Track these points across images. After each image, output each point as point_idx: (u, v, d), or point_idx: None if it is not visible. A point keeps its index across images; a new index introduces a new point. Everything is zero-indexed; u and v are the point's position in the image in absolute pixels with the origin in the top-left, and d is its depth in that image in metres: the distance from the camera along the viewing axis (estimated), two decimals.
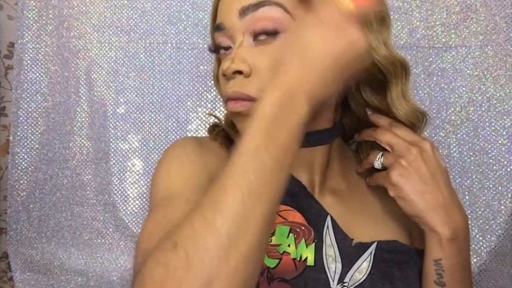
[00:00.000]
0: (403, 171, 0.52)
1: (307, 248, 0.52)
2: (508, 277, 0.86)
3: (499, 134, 0.88)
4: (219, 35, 0.52)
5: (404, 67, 0.54)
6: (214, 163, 0.55)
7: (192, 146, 0.57)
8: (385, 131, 0.56)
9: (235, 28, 0.50)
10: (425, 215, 0.51)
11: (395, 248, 0.55)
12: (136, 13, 0.94)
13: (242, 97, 0.49)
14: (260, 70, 0.49)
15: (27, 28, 0.93)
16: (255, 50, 0.49)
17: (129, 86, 0.94)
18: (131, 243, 0.94)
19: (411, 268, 0.54)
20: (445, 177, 0.54)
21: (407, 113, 0.55)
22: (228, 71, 0.49)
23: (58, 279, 0.94)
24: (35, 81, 0.94)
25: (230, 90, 0.50)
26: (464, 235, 0.52)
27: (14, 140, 0.94)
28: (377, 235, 0.55)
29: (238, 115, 0.51)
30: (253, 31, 0.49)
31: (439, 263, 0.52)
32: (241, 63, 0.49)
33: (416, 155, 0.52)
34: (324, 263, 0.52)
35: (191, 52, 0.94)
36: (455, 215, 0.51)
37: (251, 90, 0.48)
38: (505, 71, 0.89)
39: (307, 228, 0.53)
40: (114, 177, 0.94)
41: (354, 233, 0.54)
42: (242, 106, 0.49)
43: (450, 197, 0.52)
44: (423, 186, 0.52)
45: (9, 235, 0.94)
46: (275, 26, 0.48)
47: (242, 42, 0.50)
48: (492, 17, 0.89)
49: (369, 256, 0.53)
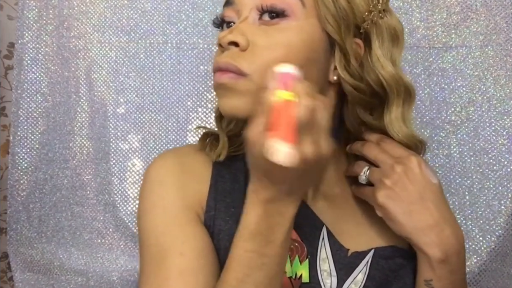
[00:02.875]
0: (389, 192, 0.50)
1: (301, 265, 0.51)
2: (509, 277, 0.86)
3: (499, 135, 0.88)
4: (227, 10, 0.51)
5: (409, 92, 0.53)
6: (195, 189, 0.54)
7: (173, 173, 0.54)
8: (373, 146, 0.54)
9: (243, 3, 0.49)
10: (413, 236, 0.49)
11: (392, 254, 0.54)
12: (136, 13, 0.94)
13: (232, 69, 0.47)
14: (257, 48, 0.47)
15: (27, 28, 0.93)
16: (257, 28, 0.48)
17: (129, 86, 0.94)
18: (131, 243, 0.94)
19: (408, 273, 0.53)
20: (435, 195, 0.51)
21: (405, 137, 0.53)
22: (224, 40, 0.48)
23: (58, 279, 0.94)
24: (35, 81, 0.94)
25: (221, 61, 0.48)
26: (456, 255, 0.49)
27: (14, 140, 0.93)
28: (373, 241, 0.54)
29: (222, 87, 0.49)
30: (260, 7, 0.48)
31: (430, 283, 0.50)
32: (239, 35, 0.47)
33: (401, 174, 0.50)
34: (319, 279, 0.51)
35: (191, 52, 0.94)
36: (446, 235, 0.49)
37: (243, 64, 0.47)
38: (505, 71, 0.89)
39: (300, 244, 0.52)
40: (114, 177, 0.93)
41: (349, 241, 0.53)
42: (229, 78, 0.47)
43: (441, 217, 0.49)
44: (410, 207, 0.49)
45: (9, 235, 0.94)
46: (284, 6, 0.47)
47: (247, 18, 0.49)
48: (493, 17, 0.89)
49: (365, 267, 0.52)
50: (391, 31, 0.52)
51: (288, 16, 0.47)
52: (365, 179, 0.54)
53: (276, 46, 0.47)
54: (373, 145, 0.54)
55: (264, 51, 0.47)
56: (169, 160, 0.56)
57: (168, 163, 0.55)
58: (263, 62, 0.46)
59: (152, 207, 0.52)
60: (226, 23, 0.52)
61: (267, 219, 0.39)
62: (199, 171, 0.55)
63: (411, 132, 0.54)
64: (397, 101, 0.52)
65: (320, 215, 0.54)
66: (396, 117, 0.53)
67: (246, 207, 0.40)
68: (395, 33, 0.52)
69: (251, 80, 0.46)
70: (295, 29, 0.47)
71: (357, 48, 0.51)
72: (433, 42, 0.90)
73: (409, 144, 0.54)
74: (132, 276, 0.93)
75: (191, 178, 0.54)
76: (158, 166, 0.55)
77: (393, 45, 0.52)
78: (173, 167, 0.54)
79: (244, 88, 0.47)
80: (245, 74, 0.46)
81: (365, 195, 0.54)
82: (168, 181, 0.53)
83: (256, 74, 0.46)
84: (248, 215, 0.40)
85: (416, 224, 0.49)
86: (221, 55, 0.49)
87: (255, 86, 0.46)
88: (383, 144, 0.54)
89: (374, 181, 0.53)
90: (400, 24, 0.53)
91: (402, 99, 0.53)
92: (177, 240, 0.49)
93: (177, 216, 0.51)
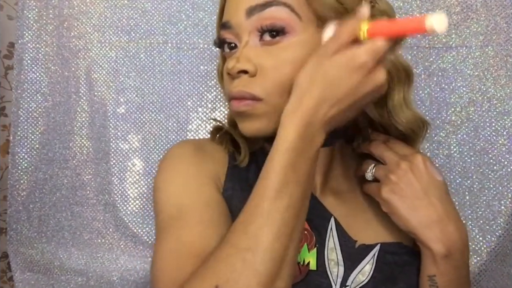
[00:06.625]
0: (394, 186, 0.52)
1: (309, 253, 0.52)
2: (509, 277, 0.86)
3: (499, 135, 0.88)
4: (225, 32, 0.52)
5: (408, 74, 0.54)
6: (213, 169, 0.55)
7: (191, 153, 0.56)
8: (380, 144, 0.56)
9: (242, 27, 0.50)
10: (417, 231, 0.50)
11: (399, 250, 0.55)
12: (137, 13, 0.94)
13: (247, 96, 0.49)
14: (265, 70, 0.48)
15: (27, 28, 0.93)
16: (261, 50, 0.49)
17: (129, 86, 0.94)
18: (131, 243, 0.94)
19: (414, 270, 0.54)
20: (440, 192, 0.52)
21: (409, 121, 0.54)
22: (233, 71, 0.49)
23: (58, 279, 0.94)
24: (35, 81, 0.94)
25: (234, 90, 0.50)
26: (460, 251, 0.50)
27: (14, 140, 0.93)
28: (380, 236, 0.55)
29: (241, 115, 0.51)
30: (260, 29, 0.48)
31: (433, 279, 0.51)
32: (246, 62, 0.48)
33: (406, 169, 0.52)
34: (326, 267, 0.52)
35: (192, 52, 0.94)
36: (450, 231, 0.50)
37: (256, 89, 0.48)
38: (505, 71, 0.89)
39: (309, 233, 0.53)
40: (114, 177, 0.93)
41: (357, 234, 0.54)
42: (246, 105, 0.49)
43: (445, 213, 0.50)
44: (414, 202, 0.51)
45: (9, 235, 0.94)
46: (282, 24, 0.48)
47: (248, 42, 0.50)
48: (493, 17, 0.89)
49: (372, 259, 0.53)
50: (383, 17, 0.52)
51: (288, 32, 0.48)
52: (371, 176, 0.56)
53: (282, 65, 0.48)
54: (380, 143, 0.56)
55: (272, 72, 0.48)
56: (188, 143, 0.60)
57: (188, 144, 0.59)
58: (274, 84, 0.48)
59: (172, 177, 0.54)
60: (227, 43, 0.53)
61: (302, 139, 0.41)
62: (217, 154, 0.58)
63: (415, 114, 0.55)
64: (398, 87, 0.54)
65: (329, 208, 0.55)
66: (399, 102, 0.54)
67: (283, 125, 0.42)
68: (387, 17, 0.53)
69: (266, 103, 0.48)
70: (297, 45, 0.48)
71: None
72: (433, 42, 0.90)
73: (414, 127, 0.55)
74: (132, 276, 0.93)
75: (209, 160, 0.56)
76: (178, 146, 0.58)
77: None
78: (193, 147, 0.57)
79: (261, 111, 0.49)
80: (260, 99, 0.48)
81: (371, 190, 0.56)
82: (188, 156, 0.55)
83: (270, 97, 0.48)
84: (286, 130, 0.42)
85: (421, 219, 0.50)
86: (233, 83, 0.50)
87: (271, 107, 0.48)
88: (389, 143, 0.56)
89: (380, 177, 0.54)
90: (390, 7, 0.53)
91: (403, 83, 0.54)
92: (197, 201, 0.50)
93: (197, 183, 0.52)
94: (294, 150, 0.41)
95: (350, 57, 0.41)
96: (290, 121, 0.42)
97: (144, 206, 0.93)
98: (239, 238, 0.39)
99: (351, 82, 0.41)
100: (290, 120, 0.42)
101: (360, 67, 0.41)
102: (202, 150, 0.57)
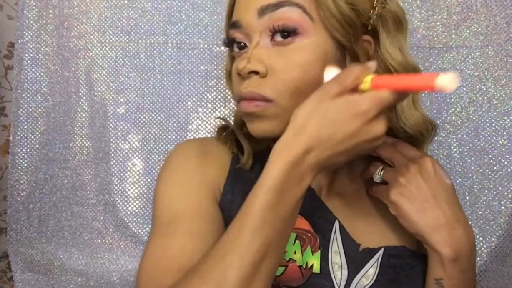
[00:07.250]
0: (402, 189, 0.51)
1: (313, 256, 0.51)
2: (509, 277, 0.86)
3: (499, 135, 0.88)
4: (235, 32, 0.51)
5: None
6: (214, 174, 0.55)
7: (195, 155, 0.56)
8: (388, 147, 0.55)
9: (253, 27, 0.49)
10: (425, 234, 0.50)
11: (403, 253, 0.54)
12: (137, 13, 0.94)
13: (257, 97, 0.48)
14: (276, 71, 0.48)
15: (27, 28, 0.93)
16: (272, 51, 0.49)
17: (129, 86, 0.94)
18: (132, 243, 0.93)
19: (418, 274, 0.53)
20: (448, 195, 0.51)
21: (417, 123, 0.54)
22: (244, 71, 0.48)
23: (58, 279, 0.94)
24: (35, 81, 0.94)
25: (245, 90, 0.49)
26: (467, 255, 0.50)
27: (14, 140, 0.93)
28: (384, 240, 0.55)
29: (250, 116, 0.50)
30: (272, 29, 0.48)
31: (440, 282, 0.51)
32: (257, 63, 0.48)
33: (415, 172, 0.51)
34: (330, 270, 0.51)
35: (192, 52, 0.94)
36: (458, 234, 0.50)
37: (266, 91, 0.48)
38: (505, 71, 0.89)
39: (312, 235, 0.52)
40: (115, 177, 0.93)
41: (361, 238, 0.54)
42: (256, 106, 0.49)
43: (453, 216, 0.50)
44: (423, 205, 0.50)
45: (9, 235, 0.94)
46: (295, 24, 0.47)
47: (258, 42, 0.49)
48: (493, 18, 0.89)
49: (376, 262, 0.53)
50: (394, 18, 0.52)
51: (300, 33, 0.47)
52: (380, 178, 0.55)
53: (292, 68, 0.48)
54: (389, 145, 0.55)
55: (283, 74, 0.48)
56: (194, 142, 0.61)
57: (194, 143, 0.60)
58: (284, 86, 0.48)
59: (172, 176, 0.54)
60: (237, 43, 0.52)
61: (288, 177, 0.40)
62: (220, 155, 0.58)
63: (423, 116, 0.55)
64: None
65: (333, 210, 0.55)
66: (408, 104, 0.54)
67: (271, 161, 0.41)
68: (398, 19, 0.52)
69: (276, 104, 0.48)
70: (309, 47, 0.48)
71: (367, 46, 0.52)
72: (433, 42, 0.90)
73: (422, 129, 0.55)
74: (132, 276, 0.93)
75: (212, 162, 0.56)
76: (184, 145, 0.59)
77: (398, 32, 0.53)
78: (198, 147, 0.58)
79: (271, 113, 0.49)
80: (270, 100, 0.48)
81: (379, 193, 0.55)
82: (192, 156, 0.56)
83: (280, 98, 0.48)
84: (273, 168, 0.40)
85: (429, 222, 0.50)
86: (243, 84, 0.50)
87: (281, 109, 0.48)
88: (398, 146, 0.55)
89: (389, 179, 0.53)
90: (400, 8, 0.53)
91: None
92: (190, 208, 0.50)
93: (194, 189, 0.53)
94: (276, 191, 0.39)
95: (352, 102, 0.40)
96: (278, 159, 0.40)
97: (144, 206, 0.93)
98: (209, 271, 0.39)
99: (349, 128, 0.40)
100: (278, 158, 0.40)
101: (361, 114, 0.39)
102: (206, 152, 0.57)
